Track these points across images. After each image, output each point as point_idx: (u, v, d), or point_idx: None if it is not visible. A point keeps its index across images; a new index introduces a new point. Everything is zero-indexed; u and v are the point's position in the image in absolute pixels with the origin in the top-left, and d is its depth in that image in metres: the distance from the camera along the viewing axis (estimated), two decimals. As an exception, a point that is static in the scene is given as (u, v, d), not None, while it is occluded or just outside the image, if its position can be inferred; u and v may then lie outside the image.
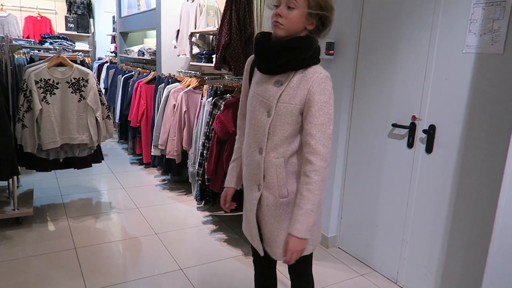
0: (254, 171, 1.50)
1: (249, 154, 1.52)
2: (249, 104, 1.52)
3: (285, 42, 1.38)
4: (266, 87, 1.44)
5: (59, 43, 5.16)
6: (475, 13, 1.99)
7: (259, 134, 1.46)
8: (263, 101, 1.44)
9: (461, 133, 2.11)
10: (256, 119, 1.47)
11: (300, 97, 1.39)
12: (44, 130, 2.96)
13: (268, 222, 1.52)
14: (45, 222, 3.20)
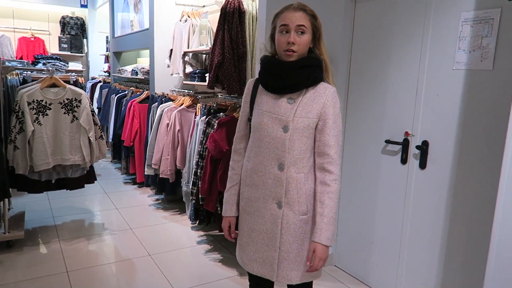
0: (273, 188, 1.51)
1: (263, 172, 1.53)
2: (257, 124, 1.53)
3: (299, 62, 1.48)
4: (278, 104, 1.51)
5: (52, 64, 5.17)
6: (463, 30, 2.02)
7: (277, 150, 1.50)
8: (277, 118, 1.50)
9: (454, 148, 2.12)
10: (271, 136, 1.50)
11: (316, 111, 1.49)
12: (36, 151, 2.93)
13: (287, 242, 1.52)
14: (36, 245, 3.14)
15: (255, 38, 3.25)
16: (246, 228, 1.60)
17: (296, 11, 1.45)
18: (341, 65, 2.70)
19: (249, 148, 1.60)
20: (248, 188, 1.59)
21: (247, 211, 1.60)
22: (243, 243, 1.62)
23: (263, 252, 1.55)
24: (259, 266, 1.57)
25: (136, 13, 5.47)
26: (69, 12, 8.49)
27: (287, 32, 1.45)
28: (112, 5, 6.40)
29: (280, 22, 1.46)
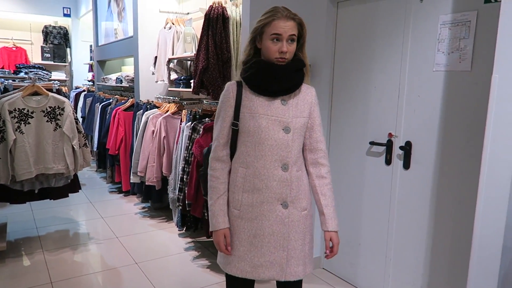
0: (278, 190, 1.54)
1: (267, 176, 1.53)
2: (255, 127, 1.52)
3: (294, 66, 1.55)
4: (274, 107, 1.54)
5: (35, 73, 5.11)
6: (442, 33, 2.07)
7: (281, 151, 1.53)
8: (277, 119, 1.53)
9: (436, 148, 2.15)
10: (273, 138, 1.52)
11: (307, 110, 1.60)
12: (18, 161, 2.87)
13: (293, 239, 1.57)
14: (19, 256, 3.07)
15: (239, 43, 3.26)
16: (245, 236, 1.56)
17: (288, 20, 1.48)
18: (324, 69, 2.74)
19: (244, 154, 1.56)
20: (247, 194, 1.55)
21: (246, 218, 1.56)
22: (241, 252, 1.56)
23: (270, 255, 1.55)
24: (266, 270, 1.56)
25: (120, 21, 5.46)
26: (52, 22, 8.42)
27: (278, 41, 1.48)
28: (95, 14, 6.38)
29: (271, 31, 1.48)
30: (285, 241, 1.56)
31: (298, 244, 1.58)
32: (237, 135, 1.57)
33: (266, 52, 1.52)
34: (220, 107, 1.59)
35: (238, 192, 1.57)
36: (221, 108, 1.58)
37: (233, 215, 1.58)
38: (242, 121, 1.54)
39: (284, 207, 1.55)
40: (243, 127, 1.55)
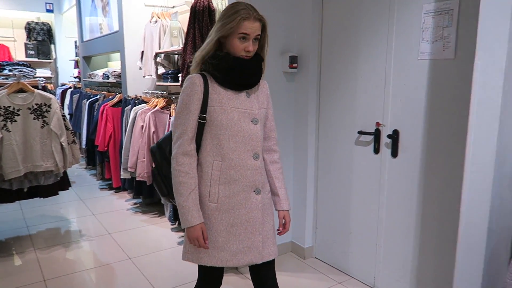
0: (251, 178, 1.61)
1: (241, 166, 1.59)
2: (228, 120, 1.56)
3: (258, 62, 1.63)
4: (241, 100, 1.60)
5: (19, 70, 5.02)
6: (426, 22, 2.10)
7: (252, 141, 1.61)
8: (246, 112, 1.60)
9: (422, 135, 2.19)
10: (245, 130, 1.59)
11: (265, 101, 1.72)
12: (5, 159, 2.85)
13: (266, 222, 1.68)
14: (10, 255, 3.05)
15: (226, 36, 3.26)
16: (223, 226, 1.59)
17: (256, 21, 1.53)
18: (311, 60, 2.75)
19: (217, 146, 1.57)
20: (223, 186, 1.58)
21: (223, 209, 1.59)
22: (221, 243, 1.59)
23: (247, 240, 1.62)
24: (245, 256, 1.62)
25: (104, 16, 5.39)
26: (35, 18, 8.26)
27: (245, 39, 1.53)
28: (79, 9, 6.28)
29: (240, 30, 1.51)
30: (260, 225, 1.65)
31: (270, 225, 1.70)
32: (203, 128, 1.57)
33: (232, 48, 1.55)
34: (186, 100, 1.55)
35: (214, 185, 1.58)
36: (188, 101, 1.55)
37: (210, 209, 1.59)
38: (212, 114, 1.55)
39: (257, 194, 1.63)
40: (213, 121, 1.56)
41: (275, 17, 2.73)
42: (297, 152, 2.95)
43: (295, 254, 3.05)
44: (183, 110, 1.56)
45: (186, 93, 1.55)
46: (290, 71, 2.81)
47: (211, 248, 1.59)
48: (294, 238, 3.07)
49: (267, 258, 1.67)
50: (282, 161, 2.77)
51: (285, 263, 2.92)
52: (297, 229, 3.03)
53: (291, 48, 2.84)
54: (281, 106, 2.87)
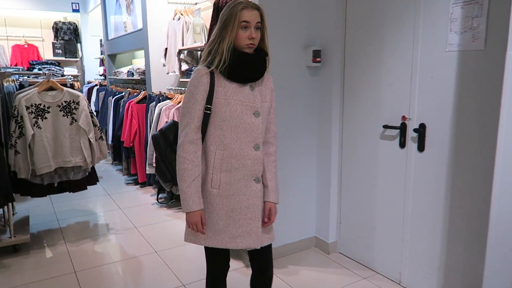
0: (252, 167, 1.69)
1: (242, 156, 1.67)
2: (231, 112, 1.64)
3: (263, 55, 1.69)
4: (245, 93, 1.67)
5: (48, 69, 5.19)
6: (454, 12, 2.05)
7: (253, 133, 1.68)
8: (249, 105, 1.66)
9: (450, 129, 2.14)
10: (247, 122, 1.66)
11: (269, 95, 1.77)
12: (37, 155, 2.95)
13: (262, 210, 1.76)
14: (42, 248, 3.17)
15: (249, 32, 3.26)
16: (223, 211, 1.68)
17: (254, 10, 1.61)
18: (335, 54, 2.73)
19: (220, 137, 1.65)
20: (225, 174, 1.67)
21: (224, 195, 1.68)
22: (221, 226, 1.68)
23: (247, 226, 1.70)
24: (244, 240, 1.71)
25: (129, 15, 5.48)
26: (62, 18, 8.48)
27: (247, 28, 1.60)
28: (104, 8, 6.41)
29: (241, 19, 1.58)
30: (259, 212, 1.73)
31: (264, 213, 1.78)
32: (208, 118, 1.65)
33: (237, 40, 1.61)
34: (193, 91, 1.63)
35: (216, 172, 1.67)
36: (194, 92, 1.62)
37: (212, 194, 1.68)
38: (217, 106, 1.63)
39: (257, 182, 1.72)
40: (218, 112, 1.64)
41: (298, 11, 2.72)
42: (321, 146, 2.93)
43: (319, 249, 3.04)
44: (189, 100, 1.63)
45: (193, 85, 1.63)
46: (314, 65, 2.79)
47: (212, 231, 1.69)
48: (318, 233, 3.07)
49: (265, 243, 1.77)
50: (305, 155, 2.78)
51: (309, 258, 2.92)
52: (321, 224, 3.02)
53: (314, 42, 2.82)
54: (305, 100, 2.86)
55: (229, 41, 1.60)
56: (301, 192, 2.96)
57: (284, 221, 2.91)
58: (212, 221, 1.69)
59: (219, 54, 1.62)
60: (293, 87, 2.79)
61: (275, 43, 2.66)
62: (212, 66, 1.63)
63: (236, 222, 1.69)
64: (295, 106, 2.82)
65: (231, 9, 1.61)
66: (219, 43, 1.62)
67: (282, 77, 2.73)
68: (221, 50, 1.61)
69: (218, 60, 1.62)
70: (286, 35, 2.70)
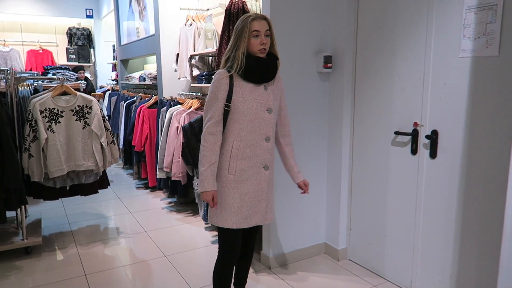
0: (262, 156, 1.97)
1: (255, 146, 1.95)
2: (248, 108, 1.91)
3: (275, 59, 1.97)
4: (259, 92, 1.94)
5: (62, 74, 5.27)
6: (467, 18, 2.03)
7: (266, 127, 1.96)
8: (263, 103, 1.94)
9: (463, 136, 2.12)
10: (261, 117, 1.94)
11: (280, 94, 2.05)
12: (50, 159, 2.99)
13: (269, 193, 2.06)
14: (54, 250, 3.20)
15: (260, 37, 3.28)
16: (237, 194, 1.94)
17: (262, 20, 1.89)
18: (346, 60, 2.72)
19: (238, 130, 1.92)
20: (241, 161, 1.93)
21: (239, 180, 1.94)
22: (236, 208, 1.94)
23: (255, 206, 1.99)
24: (253, 219, 1.99)
25: (141, 21, 5.55)
26: (76, 23, 8.64)
27: (258, 36, 1.87)
28: (117, 14, 6.50)
29: (252, 29, 1.86)
30: (265, 195, 2.02)
31: (271, 195, 2.08)
32: (227, 114, 1.91)
33: (251, 47, 1.89)
34: (215, 91, 1.89)
35: (233, 160, 1.93)
36: (216, 91, 1.89)
37: (229, 180, 1.94)
38: (235, 103, 1.90)
39: (265, 169, 2.00)
40: (236, 108, 1.90)
41: (309, 16, 2.72)
42: (331, 152, 2.92)
43: (329, 255, 3.02)
44: (212, 99, 1.91)
45: (215, 85, 1.90)
46: (325, 71, 2.79)
47: (229, 212, 1.94)
48: (327, 240, 3.04)
49: (268, 221, 2.08)
50: (315, 161, 2.82)
51: (319, 265, 2.90)
52: (331, 230, 3.00)
53: (326, 47, 2.82)
54: (315, 106, 2.85)
55: (243, 48, 1.87)
56: (311, 198, 2.95)
57: (293, 227, 2.90)
58: (228, 203, 1.94)
59: (236, 60, 1.88)
60: (304, 93, 2.79)
61: (287, 49, 2.67)
62: (231, 70, 1.90)
63: (247, 203, 1.96)
64: (306, 111, 2.82)
65: (243, 21, 1.88)
66: (236, 51, 1.89)
67: (293, 82, 2.73)
68: (238, 56, 1.88)
69: (236, 65, 1.89)
70: (298, 41, 2.71)
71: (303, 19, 2.71)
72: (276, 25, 2.61)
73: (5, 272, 2.83)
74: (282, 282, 2.67)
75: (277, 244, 2.85)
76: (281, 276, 2.74)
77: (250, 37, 1.87)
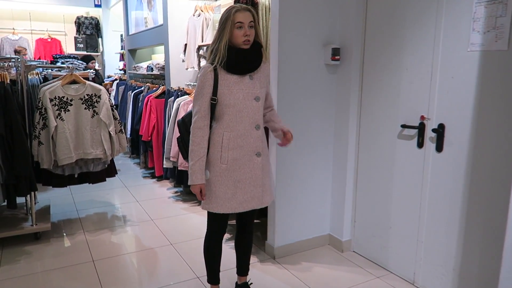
0: (254, 144, 2.02)
1: (246, 135, 1.99)
2: (235, 99, 1.95)
3: (258, 50, 1.99)
4: (245, 82, 1.97)
5: (70, 62, 5.30)
6: (477, 11, 2.02)
7: (254, 115, 2.00)
8: (249, 92, 1.98)
9: (470, 130, 2.12)
10: (249, 107, 1.98)
11: (266, 81, 2.09)
12: (59, 146, 3.03)
13: (264, 178, 2.10)
14: (62, 236, 3.26)
15: (268, 29, 3.27)
16: (231, 182, 2.00)
17: (246, 11, 1.90)
18: (354, 53, 2.72)
19: (227, 121, 1.96)
20: (232, 151, 1.98)
21: (231, 169, 1.99)
22: (229, 195, 2.00)
23: (251, 192, 2.04)
24: (249, 203, 2.05)
25: (149, 10, 5.56)
26: (84, 12, 8.65)
27: (241, 28, 1.88)
28: (125, 3, 6.50)
29: (235, 20, 1.88)
30: (260, 180, 2.06)
31: (267, 180, 2.12)
32: (215, 107, 1.96)
33: (234, 38, 1.90)
34: (201, 86, 1.94)
35: (224, 151, 1.98)
36: (202, 86, 1.94)
37: (221, 169, 1.99)
38: (221, 96, 1.94)
39: (258, 156, 2.04)
40: (223, 101, 1.94)
41: (318, 8, 2.72)
42: (337, 144, 2.93)
43: (333, 247, 3.05)
44: (198, 94, 1.96)
45: (200, 80, 1.95)
46: (332, 63, 2.79)
47: (223, 199, 2.00)
48: (332, 231, 3.07)
49: (265, 204, 2.13)
50: (321, 152, 2.83)
51: (323, 256, 2.93)
52: (335, 222, 3.03)
53: (334, 40, 2.81)
54: (322, 98, 2.86)
55: (225, 40, 1.89)
56: (316, 189, 2.97)
57: (298, 217, 2.93)
58: (222, 191, 2.00)
59: (218, 52, 1.92)
60: (311, 85, 2.80)
61: (295, 40, 2.67)
62: (214, 63, 1.93)
63: (242, 190, 2.02)
64: (312, 103, 2.83)
65: (227, 13, 1.90)
66: (218, 43, 1.92)
67: (300, 74, 2.74)
68: (220, 49, 1.91)
69: (218, 58, 1.92)
70: (305, 33, 2.71)
71: (312, 11, 2.70)
72: (284, 17, 2.61)
73: (15, 256, 2.89)
74: (287, 271, 2.71)
75: (281, 234, 2.88)
76: (286, 266, 2.78)
77: (233, 28, 1.89)
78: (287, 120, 2.72)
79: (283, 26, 2.62)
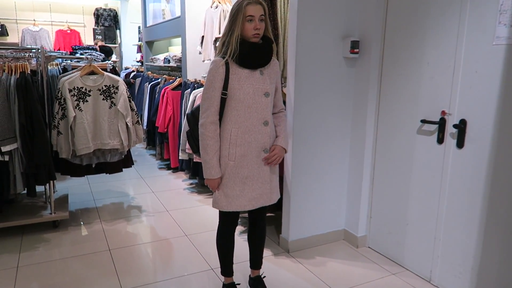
0: (262, 140, 1.99)
1: (254, 131, 1.97)
2: (245, 94, 1.92)
3: (268, 45, 1.96)
4: (255, 78, 1.95)
5: (89, 54, 5.36)
6: (504, 4, 1.95)
7: (263, 111, 1.98)
8: (259, 87, 1.95)
9: (493, 126, 2.06)
10: (258, 102, 1.95)
11: (276, 78, 2.05)
12: (78, 136, 3.07)
13: (272, 174, 2.09)
14: (79, 225, 3.31)
15: (286, 20, 3.24)
16: (239, 179, 1.98)
17: (257, 4, 1.86)
18: (374, 46, 2.67)
19: (235, 116, 1.94)
20: (240, 148, 1.96)
21: (240, 165, 1.97)
22: (238, 192, 1.99)
23: (259, 189, 2.03)
24: (258, 201, 2.04)
25: (167, 2, 5.56)
26: (103, 4, 8.73)
27: (252, 21, 1.86)
28: (143, -5, 6.52)
29: (246, 14, 1.85)
30: (269, 177, 2.05)
31: (274, 177, 2.12)
32: (224, 102, 1.93)
33: (245, 31, 1.88)
34: (211, 80, 1.92)
35: (232, 147, 1.96)
36: (212, 80, 1.91)
37: (229, 166, 1.98)
38: (232, 90, 1.91)
39: (265, 153, 2.02)
40: (233, 95, 1.92)
41: (337, 0, 2.67)
42: (354, 138, 2.89)
43: (348, 242, 3.02)
44: (209, 88, 1.93)
45: (211, 74, 1.92)
46: (351, 56, 2.74)
47: (231, 197, 2.00)
48: (347, 226, 3.04)
49: (273, 201, 2.11)
50: (337, 147, 2.79)
51: (337, 251, 2.90)
52: (351, 217, 3.00)
53: (353, 32, 2.76)
54: (340, 91, 2.82)
55: (237, 33, 1.87)
56: (332, 184, 2.94)
57: (313, 212, 2.91)
58: (230, 188, 1.99)
59: (230, 45, 1.89)
60: (329, 78, 2.76)
61: (313, 33, 2.64)
62: (226, 56, 1.90)
63: (250, 187, 2.00)
64: (330, 96, 2.79)
65: (238, 6, 1.87)
66: (230, 36, 1.90)
67: (318, 67, 2.70)
68: (231, 42, 1.88)
69: (230, 51, 1.89)
70: (324, 25, 2.67)
71: (331, 2, 2.66)
72: (303, 8, 2.57)
73: (34, 243, 2.95)
74: (301, 266, 2.70)
75: (296, 228, 2.87)
76: (300, 260, 2.77)
77: (244, 21, 1.86)
78: (303, 113, 2.69)
79: (301, 18, 2.58)
